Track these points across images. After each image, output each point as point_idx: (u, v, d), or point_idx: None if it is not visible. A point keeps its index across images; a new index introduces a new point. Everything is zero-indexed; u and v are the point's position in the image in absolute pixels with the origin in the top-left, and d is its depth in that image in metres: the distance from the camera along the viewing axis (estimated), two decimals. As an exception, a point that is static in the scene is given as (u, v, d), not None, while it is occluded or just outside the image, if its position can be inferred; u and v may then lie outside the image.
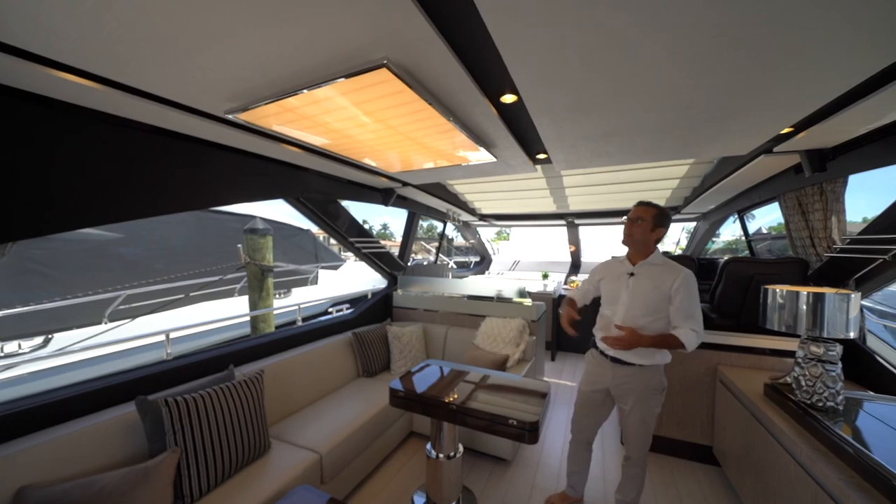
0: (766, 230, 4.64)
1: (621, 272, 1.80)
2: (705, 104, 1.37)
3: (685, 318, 1.63)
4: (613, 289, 1.80)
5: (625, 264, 1.82)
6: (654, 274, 1.71)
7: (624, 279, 1.77)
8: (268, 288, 4.75)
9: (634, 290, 1.72)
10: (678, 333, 1.60)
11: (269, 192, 2.11)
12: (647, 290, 1.69)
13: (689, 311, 1.64)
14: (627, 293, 1.73)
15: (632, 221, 1.73)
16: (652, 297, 1.67)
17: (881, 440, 1.37)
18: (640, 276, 1.72)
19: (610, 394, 1.84)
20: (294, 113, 1.33)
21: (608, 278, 1.86)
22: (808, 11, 0.84)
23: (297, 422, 2.19)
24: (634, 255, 1.78)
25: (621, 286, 1.76)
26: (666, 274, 1.68)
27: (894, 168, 1.80)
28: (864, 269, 2.07)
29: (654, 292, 1.67)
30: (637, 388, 1.72)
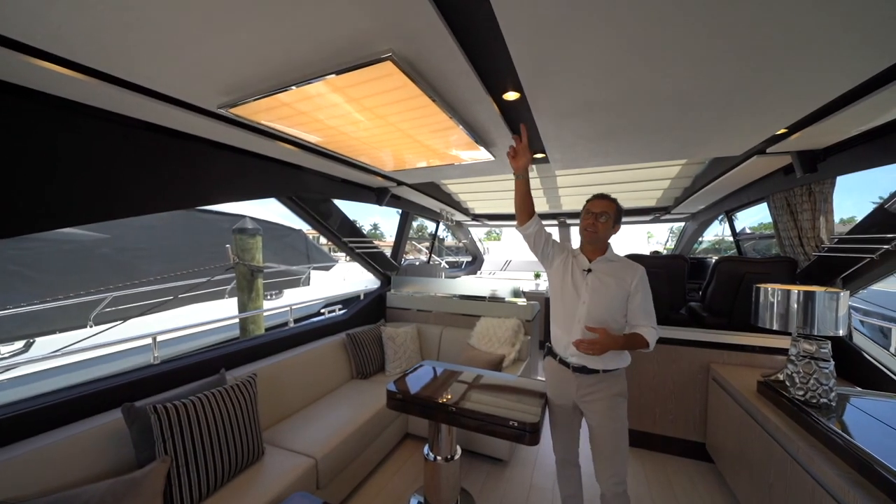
0: (749, 230, 4.74)
1: (578, 266, 1.65)
2: (706, 104, 1.37)
3: (645, 316, 1.57)
4: (572, 283, 1.63)
5: (580, 259, 1.67)
6: (613, 270, 1.60)
7: (580, 275, 1.63)
8: (257, 289, 4.65)
9: (595, 290, 1.58)
10: (643, 332, 1.53)
11: (263, 190, 2.05)
12: (608, 287, 1.57)
13: (649, 309, 1.58)
14: (588, 292, 1.59)
15: (596, 216, 1.59)
16: (613, 295, 1.57)
17: (873, 435, 1.40)
18: (599, 273, 1.60)
19: (576, 407, 1.67)
20: (290, 108, 1.29)
21: (563, 267, 1.68)
22: (809, 14, 0.85)
23: (291, 426, 2.14)
24: (591, 251, 1.66)
25: (579, 283, 1.62)
26: (625, 270, 1.59)
27: (880, 169, 1.85)
28: (852, 268, 2.12)
29: (615, 289, 1.57)
30: (604, 397, 1.58)
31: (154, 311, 4.86)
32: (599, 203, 1.62)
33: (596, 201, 1.64)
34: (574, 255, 1.71)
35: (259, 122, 1.42)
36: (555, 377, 1.71)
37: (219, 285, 5.82)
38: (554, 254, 1.74)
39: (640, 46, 0.99)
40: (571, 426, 1.74)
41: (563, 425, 1.74)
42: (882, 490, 1.17)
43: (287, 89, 1.14)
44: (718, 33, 0.92)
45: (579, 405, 1.65)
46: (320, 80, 1.06)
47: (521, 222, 1.74)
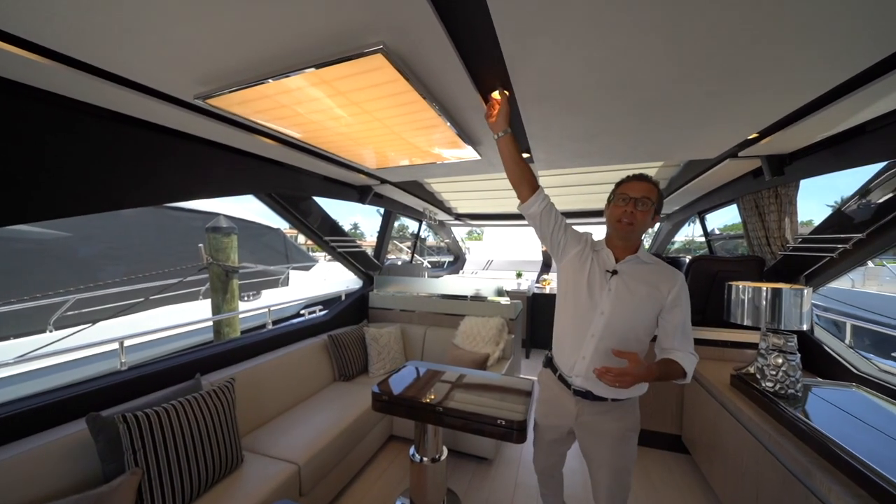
0: (717, 231, 4.98)
1: (601, 265, 1.31)
2: (687, 107, 1.42)
3: (683, 339, 1.23)
4: (591, 286, 1.28)
5: (602, 255, 1.33)
6: (645, 274, 1.27)
7: (601, 277, 1.28)
8: (233, 290, 4.48)
9: (620, 295, 1.25)
10: (679, 359, 1.18)
11: (241, 187, 1.97)
12: (639, 295, 1.24)
13: (688, 330, 1.24)
14: (610, 298, 1.25)
15: (636, 202, 1.22)
16: (642, 304, 1.23)
17: (833, 421, 1.49)
18: (627, 277, 1.27)
19: (572, 433, 1.41)
20: (273, 101, 1.23)
21: (582, 266, 1.33)
22: (779, 28, 0.90)
23: (271, 432, 2.06)
24: (620, 248, 1.31)
25: (601, 286, 1.27)
26: (660, 277, 1.25)
27: (837, 175, 1.97)
28: (814, 266, 2.26)
29: (646, 298, 1.24)
30: (610, 431, 1.29)
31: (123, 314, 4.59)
32: (640, 186, 1.24)
33: (635, 183, 1.26)
34: (595, 248, 1.36)
35: (238, 114, 1.35)
36: (550, 394, 1.43)
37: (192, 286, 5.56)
38: (567, 242, 1.37)
39: (628, 48, 1.01)
40: (560, 449, 1.53)
41: (551, 446, 1.51)
42: (842, 471, 1.25)
43: (269, 79, 1.08)
44: (701, 38, 0.95)
45: (577, 432, 1.37)
46: (308, 72, 1.02)
47: (523, 197, 1.37)
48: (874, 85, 1.19)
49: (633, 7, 0.84)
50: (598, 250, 1.37)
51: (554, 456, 1.56)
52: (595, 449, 1.34)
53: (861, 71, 1.11)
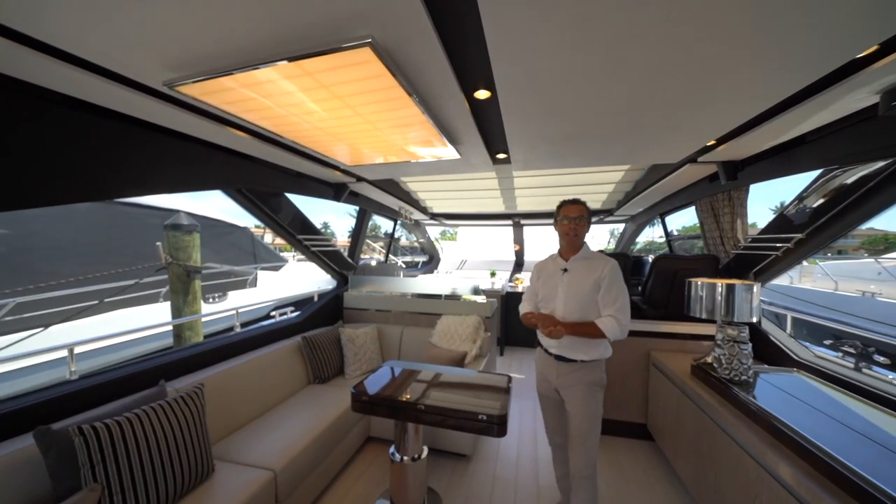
0: (676, 232, 5.33)
1: (555, 269, 1.80)
2: (654, 114, 1.52)
3: (608, 304, 1.64)
4: (550, 286, 1.79)
5: (557, 261, 1.82)
6: (587, 266, 1.72)
7: (558, 276, 1.76)
8: (195, 291, 4.23)
9: (570, 285, 1.72)
10: (598, 322, 1.61)
11: (208, 181, 1.87)
12: (583, 282, 1.69)
13: (613, 298, 1.64)
14: (563, 288, 1.73)
15: (575, 221, 1.72)
16: (586, 288, 1.68)
17: (779, 403, 1.65)
18: (574, 271, 1.74)
19: (558, 392, 1.80)
20: (249, 90, 1.17)
21: (543, 277, 1.85)
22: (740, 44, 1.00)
23: (244, 438, 1.97)
24: (568, 252, 1.79)
25: (557, 282, 1.76)
26: (595, 264, 1.72)
27: (780, 181, 2.18)
28: (761, 264, 2.47)
29: (590, 283, 1.68)
30: (580, 384, 1.70)
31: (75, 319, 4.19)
32: (575, 208, 1.74)
33: (571, 206, 1.75)
34: (552, 258, 1.87)
35: (210, 104, 1.27)
36: (540, 365, 1.88)
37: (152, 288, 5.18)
38: (538, 286, 1.87)
39: (604, 58, 1.06)
40: (560, 413, 1.85)
41: (551, 412, 1.89)
42: (787, 447, 1.39)
43: (248, 70, 1.03)
44: (670, 51, 1.03)
45: (559, 391, 1.77)
46: (292, 62, 0.98)
47: None
48: (813, 100, 1.33)
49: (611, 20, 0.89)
50: (554, 259, 1.86)
51: (556, 420, 1.89)
52: (571, 400, 1.73)
53: (803, 87, 1.25)
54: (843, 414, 1.55)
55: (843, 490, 1.15)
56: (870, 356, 2.01)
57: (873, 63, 1.08)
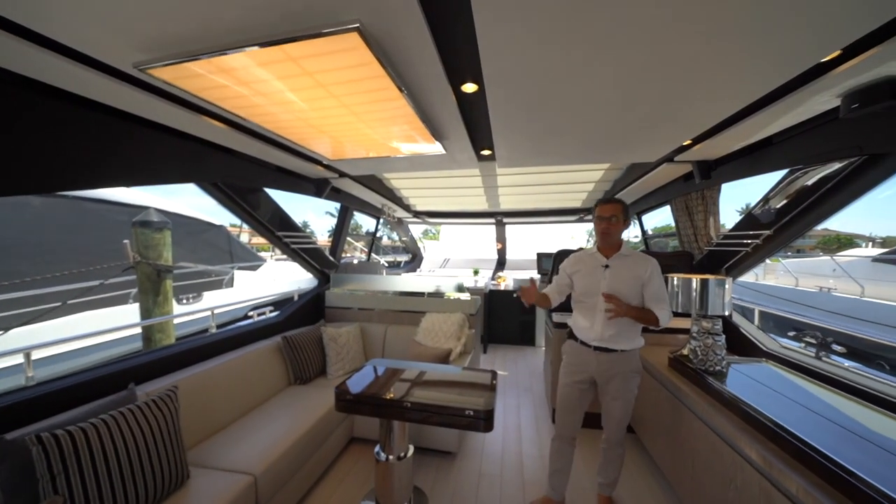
0: (650, 231, 5.52)
1: (595, 265, 1.88)
2: (635, 113, 1.56)
3: (658, 301, 1.79)
4: (591, 281, 1.86)
5: (596, 257, 1.89)
6: (628, 264, 1.83)
7: (600, 271, 1.85)
8: (166, 292, 4.04)
9: (613, 280, 1.81)
10: (656, 311, 1.76)
11: (182, 173, 1.78)
12: (625, 279, 1.80)
13: (661, 295, 1.80)
14: (606, 283, 1.82)
15: (608, 220, 1.80)
16: (629, 284, 1.80)
17: (752, 391, 1.73)
18: (616, 268, 1.83)
19: (594, 382, 1.90)
20: (228, 76, 1.11)
21: (583, 271, 1.91)
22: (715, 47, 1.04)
23: (222, 442, 1.89)
24: (607, 249, 1.88)
25: (598, 278, 1.84)
26: (639, 263, 1.82)
27: (749, 181, 2.29)
28: (733, 259, 2.59)
29: (632, 280, 1.80)
30: (620, 372, 1.82)
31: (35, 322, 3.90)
32: (608, 207, 1.82)
33: (604, 206, 1.83)
34: (589, 253, 1.95)
35: (185, 89, 1.20)
36: (576, 356, 1.93)
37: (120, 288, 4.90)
38: (571, 281, 1.97)
39: (591, 51, 1.08)
40: (581, 406, 1.95)
41: (574, 405, 1.95)
42: (758, 432, 1.46)
43: (229, 53, 0.98)
44: (650, 49, 1.06)
45: (598, 380, 1.88)
46: (274, 46, 0.93)
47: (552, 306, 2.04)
48: (781, 102, 1.40)
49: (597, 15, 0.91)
50: (592, 254, 1.94)
51: (576, 413, 1.96)
52: (610, 386, 1.85)
53: (772, 89, 1.31)
54: (807, 399, 1.64)
55: (810, 469, 1.22)
56: (829, 346, 2.14)
57: (836, 67, 1.15)
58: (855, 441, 1.29)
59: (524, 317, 5.43)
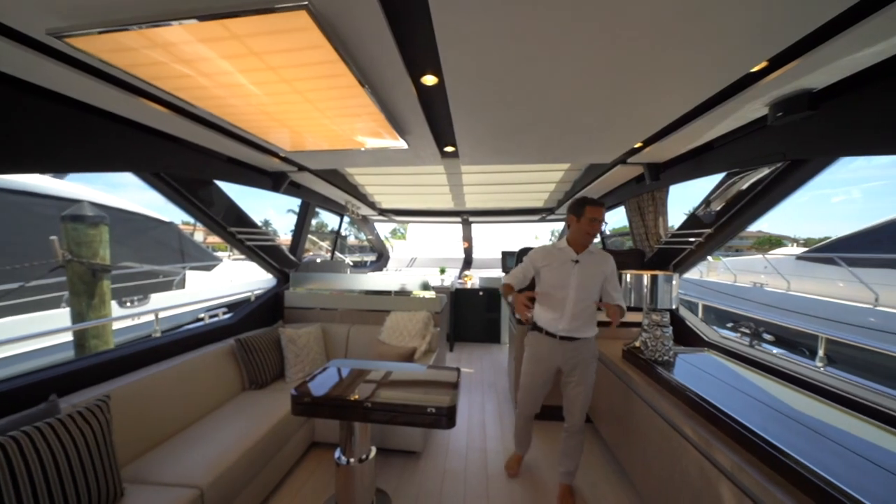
0: (608, 231, 5.82)
1: (565, 259, 1.98)
2: (590, 113, 1.62)
3: (620, 294, 2.01)
4: (561, 274, 1.97)
5: (567, 252, 2.00)
6: (594, 260, 1.99)
7: (569, 265, 1.97)
8: (102, 294, 3.68)
9: (582, 275, 1.95)
10: (621, 305, 1.95)
11: (115, 161, 1.61)
12: (592, 273, 1.96)
13: (619, 291, 2.03)
14: (576, 277, 1.95)
15: (599, 222, 1.95)
16: (595, 279, 1.97)
17: (696, 379, 1.86)
18: (584, 263, 1.97)
19: (559, 371, 2.05)
20: (164, 52, 1.01)
21: (553, 265, 2.01)
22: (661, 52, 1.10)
23: (165, 454, 1.74)
24: (578, 246, 2.00)
25: (569, 272, 1.96)
26: (603, 259, 2.00)
27: (692, 184, 2.47)
28: (679, 257, 2.78)
29: (598, 275, 1.97)
30: (584, 358, 1.99)
31: None
32: (601, 210, 1.93)
33: (598, 209, 1.92)
34: (558, 248, 2.04)
35: (112, 64, 1.07)
36: (542, 347, 2.06)
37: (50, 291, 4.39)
38: (537, 270, 2.06)
39: (548, 48, 1.10)
40: (544, 390, 2.14)
41: (538, 389, 2.12)
42: (701, 416, 1.57)
43: (161, 23, 0.87)
44: (603, 49, 1.10)
45: (563, 368, 2.03)
46: (216, 21, 0.85)
47: None
48: (719, 109, 1.51)
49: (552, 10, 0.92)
50: (560, 249, 2.03)
51: (539, 394, 2.15)
52: (575, 372, 2.00)
53: (710, 96, 1.41)
54: (742, 384, 1.79)
55: (743, 447, 1.32)
56: (760, 335, 2.36)
57: (764, 77, 1.25)
58: (781, 420, 1.43)
59: (490, 314, 5.51)
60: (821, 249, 7.39)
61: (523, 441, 2.32)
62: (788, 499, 1.06)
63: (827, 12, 0.91)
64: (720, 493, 1.32)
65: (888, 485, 1.03)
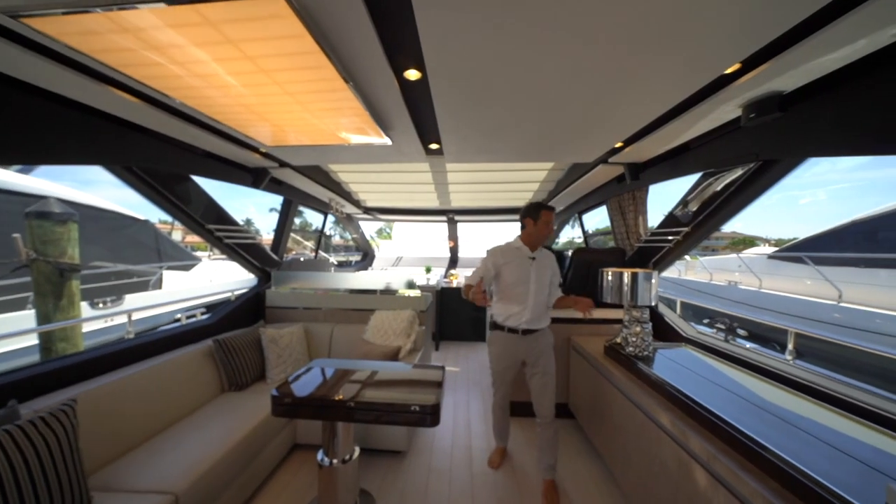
0: (590, 231, 5.94)
1: (523, 257, 2.13)
2: (573, 113, 1.64)
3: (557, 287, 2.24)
4: (521, 271, 2.11)
5: (523, 251, 2.15)
6: (545, 258, 2.18)
7: (528, 263, 2.13)
8: (71, 295, 3.51)
9: (538, 271, 2.12)
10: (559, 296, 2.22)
11: (83, 154, 1.53)
12: (545, 269, 2.15)
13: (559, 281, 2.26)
14: (535, 273, 2.11)
15: (551, 225, 2.12)
16: (548, 274, 2.17)
17: (674, 373, 1.91)
18: (539, 260, 2.14)
19: (523, 363, 2.18)
20: (135, 38, 0.96)
21: (513, 263, 2.13)
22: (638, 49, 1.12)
23: (138, 460, 1.67)
24: (533, 246, 2.16)
25: (528, 268, 2.11)
26: (549, 256, 2.21)
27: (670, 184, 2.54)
28: (658, 254, 2.85)
29: (549, 270, 2.18)
30: (543, 348, 2.14)
31: None
32: (552, 215, 2.13)
33: (551, 213, 2.12)
34: (514, 247, 2.17)
35: (78, 49, 1.01)
36: (506, 344, 2.16)
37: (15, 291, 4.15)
38: (497, 270, 2.16)
39: (530, 46, 1.11)
40: (512, 380, 2.27)
41: (509, 380, 2.26)
42: (679, 408, 1.61)
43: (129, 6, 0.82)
44: (581, 51, 1.12)
45: (528, 360, 2.15)
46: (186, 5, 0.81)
47: None
48: (694, 110, 1.55)
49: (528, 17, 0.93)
50: (517, 247, 2.16)
51: (507, 384, 2.28)
52: (539, 362, 2.13)
53: (686, 97, 1.45)
54: (717, 377, 1.85)
55: (719, 438, 1.36)
56: (734, 330, 2.44)
57: (737, 79, 1.30)
58: (754, 411, 1.48)
59: (476, 313, 5.53)
60: (790, 249, 7.73)
61: (503, 432, 2.43)
62: (760, 486, 1.10)
63: (795, 16, 0.94)
64: (696, 483, 1.35)
65: (851, 470, 1.09)
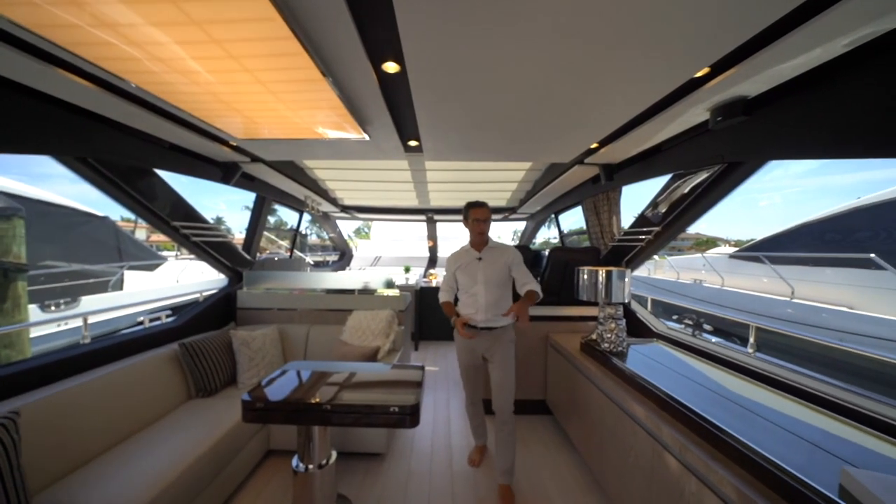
0: (566, 231, 6.08)
1: (471, 259, 2.18)
2: (551, 112, 1.66)
3: (528, 279, 2.14)
4: (470, 272, 2.16)
5: (471, 252, 2.20)
6: (496, 254, 2.17)
7: (475, 263, 2.16)
8: (17, 297, 3.24)
9: (487, 270, 2.14)
10: (531, 287, 2.07)
11: (26, 142, 1.40)
12: (496, 266, 2.15)
13: (526, 272, 2.16)
14: (482, 273, 2.14)
15: (483, 222, 2.13)
16: (500, 270, 2.15)
17: (646, 367, 1.98)
18: (487, 259, 2.16)
19: (484, 358, 2.20)
20: (81, 11, 0.86)
21: (462, 266, 2.19)
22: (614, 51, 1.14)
23: (93, 475, 1.54)
24: (478, 245, 2.19)
25: (476, 270, 2.15)
26: (504, 252, 2.18)
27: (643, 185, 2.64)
28: (630, 254, 2.95)
29: (502, 266, 2.15)
30: (502, 344, 2.15)
31: None
32: (482, 211, 2.12)
33: (479, 210, 2.11)
34: (464, 250, 2.24)
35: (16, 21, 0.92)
36: (467, 342, 2.20)
37: None
38: (454, 273, 2.23)
39: (507, 41, 1.11)
40: (479, 377, 2.32)
41: (475, 380, 2.32)
42: (652, 402, 1.67)
43: None
44: (558, 51, 1.13)
45: (486, 355, 2.18)
46: None
47: None
48: (665, 112, 1.61)
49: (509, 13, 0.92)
50: (467, 250, 2.22)
51: (477, 383, 2.34)
52: (497, 357, 2.15)
53: (658, 100, 1.50)
54: (687, 371, 1.93)
55: (689, 429, 1.42)
56: (700, 326, 2.56)
57: (706, 83, 1.35)
58: (721, 402, 1.55)
59: (455, 313, 5.53)
60: (749, 249, 8.22)
61: (479, 429, 2.46)
62: (728, 473, 1.15)
63: (761, 21, 0.99)
64: (669, 472, 1.40)
65: (807, 453, 1.16)
